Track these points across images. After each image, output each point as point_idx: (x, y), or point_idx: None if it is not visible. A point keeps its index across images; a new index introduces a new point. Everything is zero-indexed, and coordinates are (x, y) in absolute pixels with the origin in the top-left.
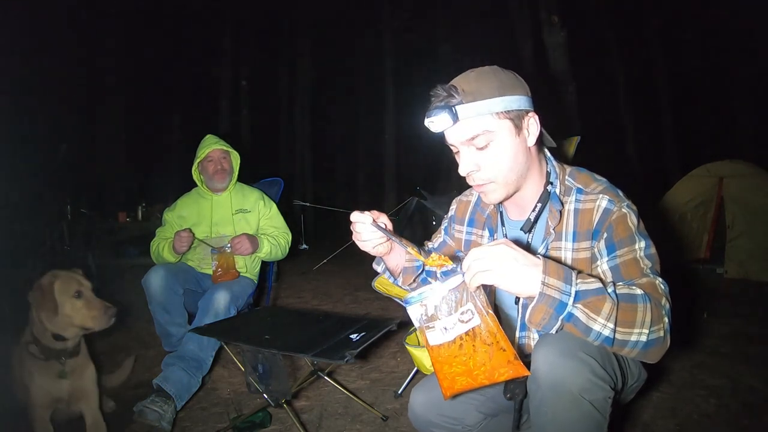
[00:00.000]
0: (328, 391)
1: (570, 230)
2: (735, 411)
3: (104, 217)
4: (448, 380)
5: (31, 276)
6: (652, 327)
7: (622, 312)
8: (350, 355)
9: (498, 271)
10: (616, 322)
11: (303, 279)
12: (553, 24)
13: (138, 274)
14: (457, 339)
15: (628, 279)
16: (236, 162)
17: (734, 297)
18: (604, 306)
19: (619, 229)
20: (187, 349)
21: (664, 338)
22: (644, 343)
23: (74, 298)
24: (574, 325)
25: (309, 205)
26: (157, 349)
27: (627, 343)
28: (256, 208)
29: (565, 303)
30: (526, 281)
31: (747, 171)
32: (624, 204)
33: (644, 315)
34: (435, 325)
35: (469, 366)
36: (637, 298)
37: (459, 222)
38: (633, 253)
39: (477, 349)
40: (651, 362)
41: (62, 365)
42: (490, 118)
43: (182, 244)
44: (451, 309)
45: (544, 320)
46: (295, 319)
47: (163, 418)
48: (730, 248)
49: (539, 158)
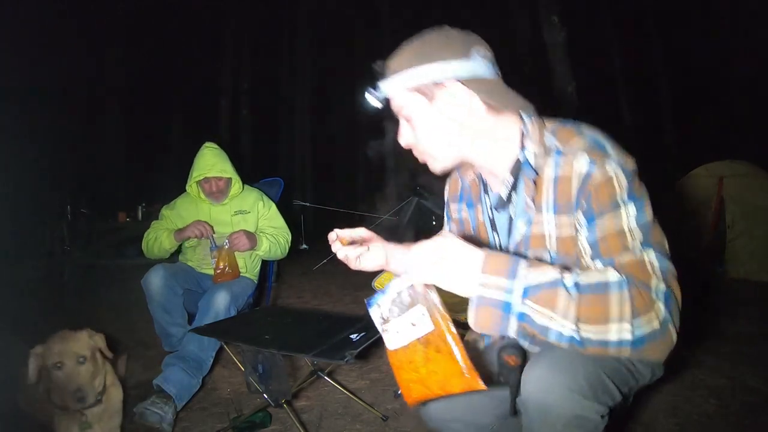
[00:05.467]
0: (328, 391)
1: (551, 202)
2: (735, 411)
3: (104, 217)
4: (404, 387)
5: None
6: (636, 319)
7: (586, 306)
8: (350, 355)
9: (434, 271)
10: (577, 320)
11: (303, 279)
12: (553, 24)
13: (138, 274)
14: (410, 344)
15: (607, 257)
16: (235, 179)
17: (734, 297)
18: (557, 300)
19: (600, 195)
20: (187, 350)
21: (663, 331)
22: (631, 341)
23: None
24: (529, 325)
25: (309, 205)
26: (157, 349)
27: (607, 344)
28: (255, 209)
29: (509, 302)
30: (462, 281)
31: (747, 171)
32: (610, 162)
33: (620, 306)
34: (389, 328)
35: (422, 374)
36: (609, 287)
37: (453, 200)
38: (617, 223)
39: (429, 358)
40: (656, 361)
41: (84, 416)
42: (403, 93)
43: (197, 232)
44: (402, 310)
45: (494, 324)
46: (295, 319)
47: (163, 419)
48: (730, 248)
49: (501, 124)
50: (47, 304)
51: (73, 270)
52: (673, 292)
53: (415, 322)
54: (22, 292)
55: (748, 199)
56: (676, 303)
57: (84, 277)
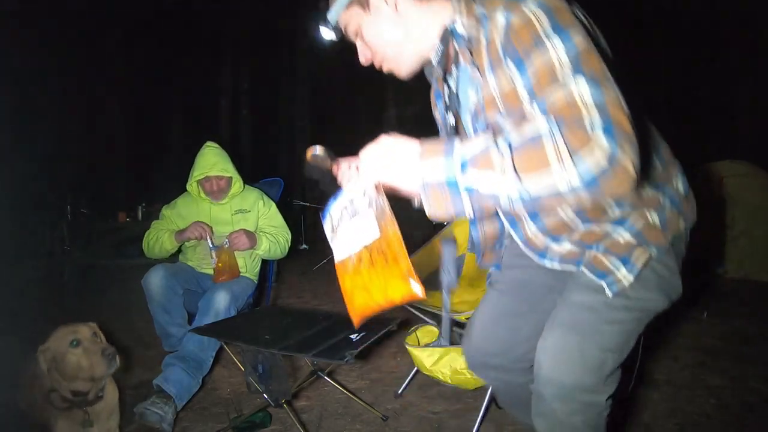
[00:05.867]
0: (328, 391)
1: (488, 64)
2: (735, 411)
3: (104, 217)
4: (348, 296)
5: None
6: (576, 157)
7: (520, 158)
8: (350, 355)
9: (379, 168)
10: (516, 174)
11: (303, 279)
12: None
13: (138, 274)
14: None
15: (541, 96)
16: (236, 178)
17: (734, 297)
18: (492, 159)
19: (522, 37)
20: (187, 350)
21: (612, 164)
22: (580, 181)
23: (72, 347)
24: (480, 198)
25: (309, 205)
26: (157, 350)
27: (558, 193)
28: (255, 208)
29: (453, 179)
30: (406, 173)
31: (747, 171)
32: (526, 5)
33: (554, 146)
34: (339, 237)
35: (366, 280)
36: (539, 130)
37: (434, 106)
38: (544, 59)
39: (374, 262)
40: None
41: (85, 413)
42: (344, 13)
43: (196, 233)
44: (351, 216)
45: (448, 205)
46: (295, 319)
47: (163, 419)
48: (730, 248)
49: (432, 10)
50: (47, 304)
51: (73, 270)
52: (615, 121)
53: (364, 228)
54: (22, 292)
55: (748, 199)
56: (622, 132)
57: (84, 277)
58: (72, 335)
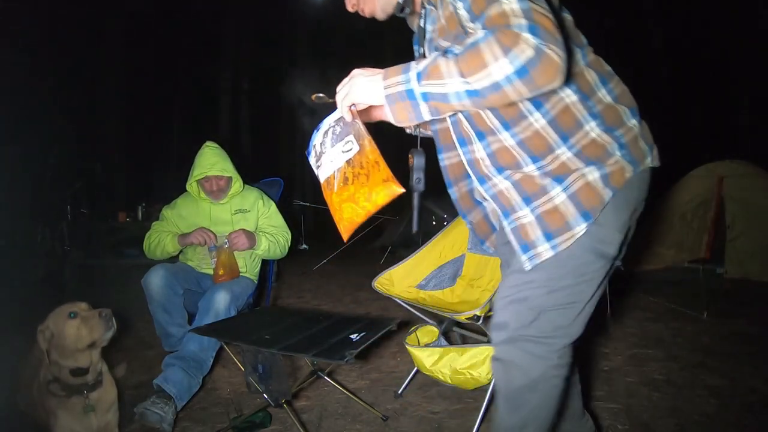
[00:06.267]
0: (328, 391)
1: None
2: (735, 411)
3: (104, 217)
4: (337, 212)
5: None
6: (509, 53)
7: (463, 61)
8: (350, 355)
9: (353, 91)
10: (461, 74)
11: (303, 279)
12: None
13: (138, 274)
14: (342, 168)
15: (479, 14)
16: (236, 178)
17: (734, 297)
18: (440, 67)
19: None
20: (187, 350)
21: (539, 54)
22: (515, 72)
23: (69, 319)
24: (434, 101)
25: (309, 205)
26: (157, 349)
27: (499, 85)
28: (255, 208)
29: (410, 88)
30: (374, 91)
31: (747, 171)
32: None
33: (491, 49)
34: (323, 161)
35: (351, 191)
36: (478, 40)
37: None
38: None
39: (356, 174)
40: (545, 85)
41: (86, 399)
42: None
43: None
44: (334, 141)
45: (409, 112)
46: (295, 319)
47: (164, 420)
48: (730, 248)
49: None
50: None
51: (73, 270)
52: (539, 23)
53: (345, 148)
54: (22, 292)
55: (748, 199)
56: (544, 30)
57: (84, 277)
58: (69, 309)
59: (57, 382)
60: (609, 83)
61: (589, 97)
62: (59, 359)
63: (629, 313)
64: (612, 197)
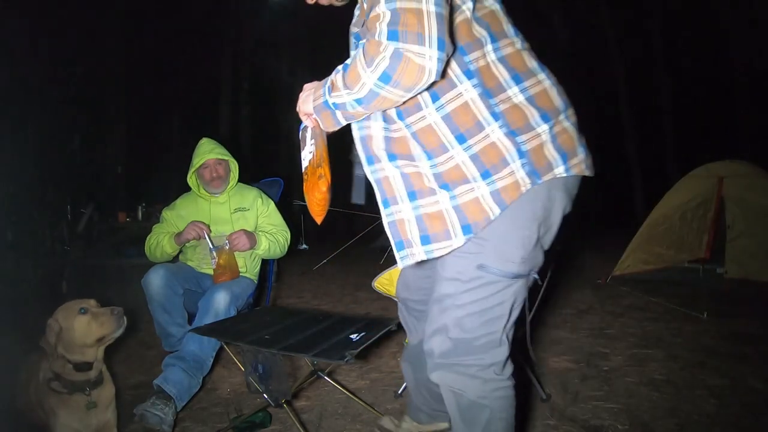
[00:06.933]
0: (328, 391)
1: None
2: (735, 411)
3: (104, 217)
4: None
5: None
6: (372, 62)
7: (347, 75)
8: (350, 355)
9: (300, 104)
10: (346, 86)
11: (303, 279)
12: (553, 24)
13: (138, 274)
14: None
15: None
16: (234, 166)
17: (734, 297)
18: (336, 82)
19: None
20: (187, 350)
21: (397, 55)
22: (379, 78)
23: (80, 315)
24: (340, 109)
25: None
26: (157, 350)
27: (375, 93)
28: (254, 206)
29: (326, 100)
30: (308, 104)
31: (747, 171)
32: None
33: (360, 61)
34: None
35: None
36: (356, 55)
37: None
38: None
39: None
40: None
41: (89, 396)
42: None
43: (194, 234)
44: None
45: (330, 119)
46: (295, 319)
47: (164, 421)
48: (730, 248)
49: None
50: (47, 304)
51: (73, 270)
52: (402, 23)
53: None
54: (22, 292)
55: (748, 199)
56: (405, 31)
57: (84, 277)
58: (79, 305)
59: (58, 380)
60: (524, 81)
61: (494, 94)
62: (66, 353)
63: (629, 313)
64: (501, 213)
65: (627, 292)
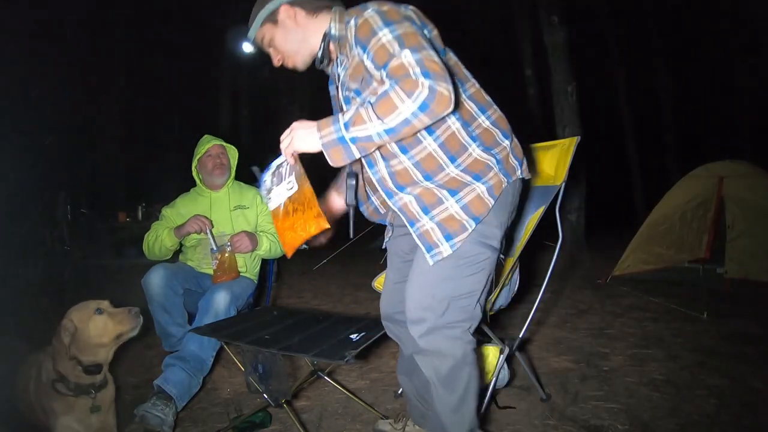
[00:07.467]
0: (328, 391)
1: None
2: (735, 411)
3: (104, 217)
4: (281, 236)
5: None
6: (411, 95)
7: (378, 107)
8: (350, 355)
9: (294, 142)
10: (378, 116)
11: (303, 279)
12: (553, 24)
13: (138, 274)
14: (285, 202)
15: (382, 65)
16: (234, 159)
17: (734, 297)
18: (362, 115)
19: (362, 31)
20: (187, 350)
21: (433, 91)
22: (419, 106)
23: (96, 315)
24: (361, 142)
25: None
26: (157, 349)
27: (408, 121)
28: (254, 205)
29: (341, 135)
30: (311, 141)
31: (747, 171)
32: (366, 11)
33: (397, 95)
34: (272, 196)
35: (292, 221)
36: (387, 90)
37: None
38: (378, 41)
39: (296, 209)
40: (442, 113)
41: (93, 399)
42: (260, 30)
43: (196, 227)
44: (281, 180)
45: (343, 155)
46: (295, 319)
47: (164, 422)
48: (730, 248)
49: (320, 19)
50: (47, 304)
51: (73, 270)
52: (429, 68)
53: (288, 186)
54: (22, 292)
55: (748, 199)
56: (434, 72)
57: (84, 277)
58: (94, 305)
59: (63, 381)
60: (487, 111)
61: (470, 123)
62: (78, 354)
63: (629, 313)
64: (494, 203)
65: (627, 292)
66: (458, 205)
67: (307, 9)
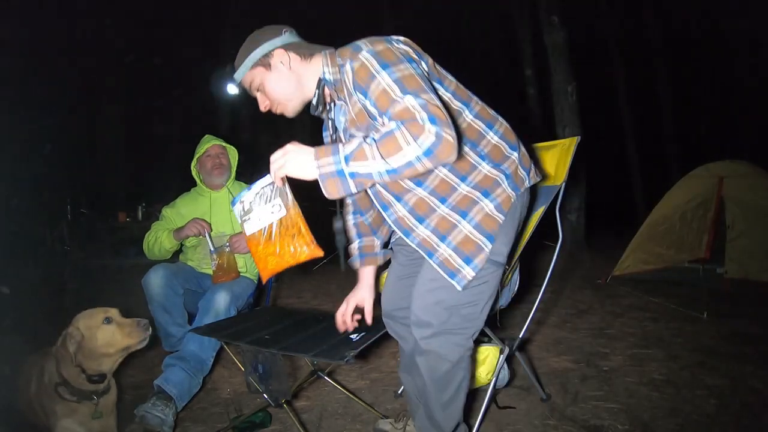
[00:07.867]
0: (328, 391)
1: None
2: (735, 411)
3: (104, 217)
4: (262, 261)
5: None
6: (418, 139)
7: (382, 146)
8: (350, 355)
9: (287, 166)
10: (382, 157)
11: (303, 279)
12: (553, 24)
13: (138, 274)
14: (268, 227)
15: (385, 110)
16: (234, 158)
17: (734, 297)
18: (365, 151)
19: (361, 75)
20: (187, 350)
21: (439, 138)
22: (425, 151)
23: (104, 324)
24: (360, 178)
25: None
26: (157, 349)
27: (410, 163)
28: None
29: (340, 168)
30: (307, 169)
31: (747, 171)
32: (360, 53)
33: (403, 136)
34: (251, 217)
35: (275, 247)
36: (392, 130)
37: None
38: (378, 85)
39: (283, 234)
40: (448, 161)
41: (96, 405)
42: (249, 73)
43: (195, 231)
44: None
45: (339, 188)
46: (295, 319)
47: (164, 422)
48: (730, 248)
49: (313, 64)
50: (47, 304)
51: (73, 270)
52: (434, 114)
53: (273, 210)
54: (22, 292)
55: (748, 199)
56: (440, 119)
57: (84, 277)
58: (104, 313)
59: (66, 386)
60: (494, 126)
61: (478, 143)
62: (83, 362)
63: (629, 313)
64: (504, 219)
65: (627, 292)
66: (470, 225)
67: (302, 54)
